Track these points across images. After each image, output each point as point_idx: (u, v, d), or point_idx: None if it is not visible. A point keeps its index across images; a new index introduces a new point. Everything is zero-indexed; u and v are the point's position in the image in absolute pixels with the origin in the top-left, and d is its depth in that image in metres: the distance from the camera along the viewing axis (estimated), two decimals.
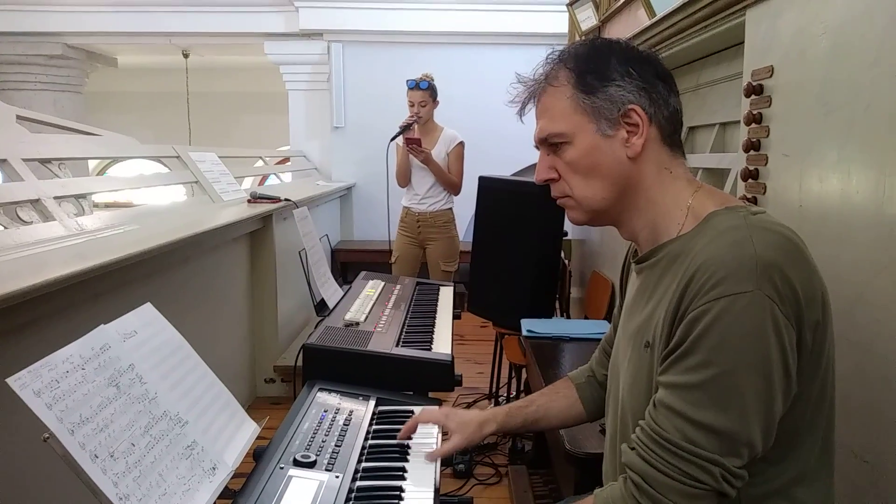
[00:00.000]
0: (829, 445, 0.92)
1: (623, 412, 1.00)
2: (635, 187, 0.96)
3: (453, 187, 3.74)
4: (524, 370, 2.83)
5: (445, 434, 1.28)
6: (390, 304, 2.11)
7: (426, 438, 1.32)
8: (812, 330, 0.83)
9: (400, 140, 3.66)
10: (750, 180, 1.51)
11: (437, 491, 1.16)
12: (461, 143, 3.71)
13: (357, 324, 1.84)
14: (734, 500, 0.86)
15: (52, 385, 0.84)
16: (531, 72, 1.02)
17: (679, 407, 0.84)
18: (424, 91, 3.62)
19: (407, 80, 3.65)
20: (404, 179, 3.75)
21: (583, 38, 3.30)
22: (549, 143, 0.99)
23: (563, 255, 3.31)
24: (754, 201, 1.49)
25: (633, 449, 0.89)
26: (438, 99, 3.72)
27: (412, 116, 3.61)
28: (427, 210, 3.74)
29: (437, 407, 1.40)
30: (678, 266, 0.89)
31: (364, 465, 1.21)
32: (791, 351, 0.82)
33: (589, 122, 0.95)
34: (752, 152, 1.50)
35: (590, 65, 0.96)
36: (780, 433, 0.85)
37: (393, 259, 3.85)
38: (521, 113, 1.03)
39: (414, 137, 3.56)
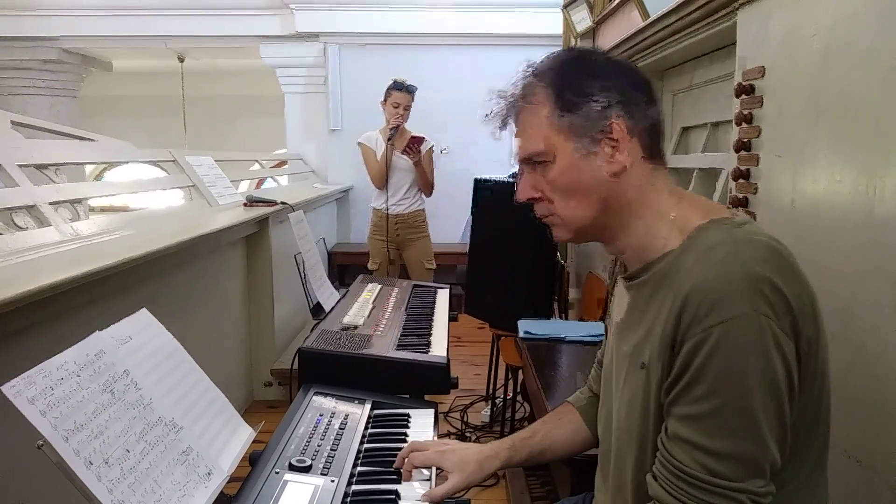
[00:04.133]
0: (824, 451, 0.91)
1: (619, 431, 0.99)
2: (618, 204, 0.94)
3: (431, 188, 3.84)
4: (521, 372, 2.83)
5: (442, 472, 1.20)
6: (388, 308, 2.12)
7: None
8: (806, 339, 0.83)
9: (380, 140, 3.69)
10: (741, 180, 1.51)
11: None
12: (432, 147, 3.82)
13: (355, 327, 1.84)
14: None
15: (46, 392, 0.84)
16: (509, 85, 0.99)
17: (694, 438, 0.82)
18: (411, 95, 3.65)
19: (395, 81, 3.65)
20: (383, 181, 3.74)
21: (576, 39, 3.31)
22: (530, 162, 0.97)
23: (560, 256, 3.31)
24: (745, 201, 1.50)
25: (655, 480, 0.87)
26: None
27: (398, 117, 3.63)
28: (405, 211, 3.79)
29: (430, 440, 1.35)
30: (668, 286, 0.87)
31: (360, 468, 1.22)
32: (793, 363, 0.81)
33: (566, 140, 0.93)
34: (743, 152, 1.50)
35: (566, 80, 0.93)
36: None
37: (375, 266, 3.82)
38: (500, 129, 1.00)
39: (418, 136, 3.61)
